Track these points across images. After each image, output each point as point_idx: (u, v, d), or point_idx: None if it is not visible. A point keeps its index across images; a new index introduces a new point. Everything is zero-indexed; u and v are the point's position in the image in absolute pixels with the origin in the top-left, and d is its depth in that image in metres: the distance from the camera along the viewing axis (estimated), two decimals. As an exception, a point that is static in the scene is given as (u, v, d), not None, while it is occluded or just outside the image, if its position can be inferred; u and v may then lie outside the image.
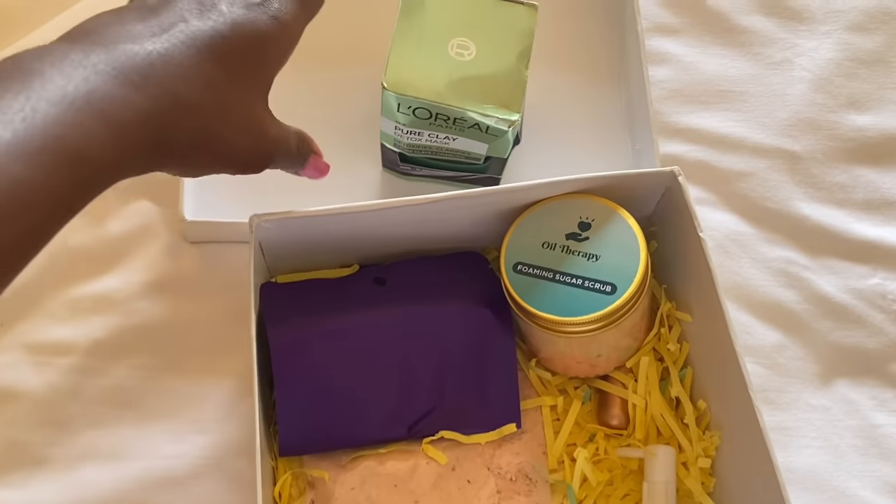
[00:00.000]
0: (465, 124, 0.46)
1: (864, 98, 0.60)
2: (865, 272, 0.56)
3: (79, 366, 0.50)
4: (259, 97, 0.36)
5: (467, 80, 0.46)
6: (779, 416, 0.52)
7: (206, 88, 0.32)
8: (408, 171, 0.54)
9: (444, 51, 0.46)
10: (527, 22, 0.48)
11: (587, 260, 0.46)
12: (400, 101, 0.45)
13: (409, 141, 0.49)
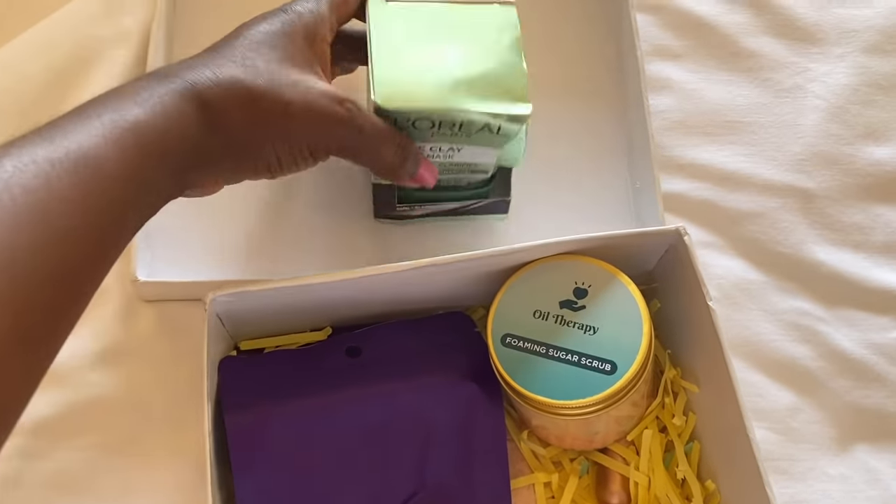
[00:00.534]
0: (473, 127, 0.41)
1: (882, 128, 0.56)
2: (886, 324, 0.51)
3: (21, 448, 0.45)
4: (309, 70, 0.39)
5: (464, 81, 0.41)
6: (792, 489, 0.47)
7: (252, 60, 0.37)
8: (405, 212, 0.48)
9: (430, 57, 0.41)
10: (507, 17, 0.43)
11: (584, 332, 0.41)
12: (397, 116, 0.40)
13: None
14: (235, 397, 0.42)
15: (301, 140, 0.38)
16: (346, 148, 0.40)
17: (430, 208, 0.47)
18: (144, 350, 0.48)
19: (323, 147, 0.39)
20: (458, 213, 0.48)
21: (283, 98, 0.37)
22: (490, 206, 0.48)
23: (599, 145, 0.55)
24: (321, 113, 0.37)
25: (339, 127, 0.38)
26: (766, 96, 0.56)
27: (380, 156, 0.40)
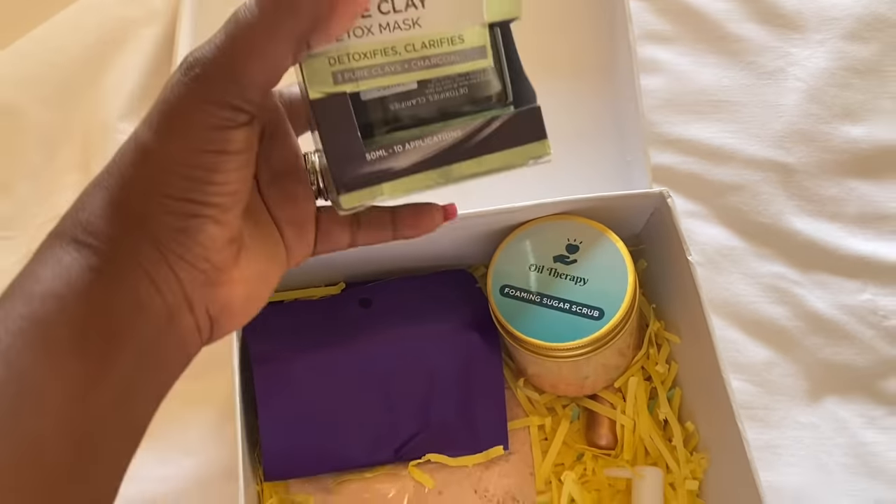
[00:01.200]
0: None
1: (857, 108, 0.60)
2: (856, 288, 0.55)
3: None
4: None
5: None
6: (767, 435, 0.52)
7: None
8: (382, 163, 0.29)
9: None
10: None
11: (575, 283, 0.45)
12: None
13: (357, 44, 0.29)
14: (260, 344, 0.46)
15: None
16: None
17: (420, 147, 0.30)
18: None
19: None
20: (467, 155, 0.30)
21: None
22: (515, 127, 0.31)
23: (592, 122, 0.59)
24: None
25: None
26: (750, 78, 0.61)
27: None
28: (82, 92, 0.56)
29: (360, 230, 0.33)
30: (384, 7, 0.29)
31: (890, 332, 0.54)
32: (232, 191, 0.27)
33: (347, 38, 0.28)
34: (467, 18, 0.30)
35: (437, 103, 0.30)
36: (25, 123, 0.55)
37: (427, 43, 0.29)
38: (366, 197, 0.29)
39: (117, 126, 0.55)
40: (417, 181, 0.29)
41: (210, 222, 0.27)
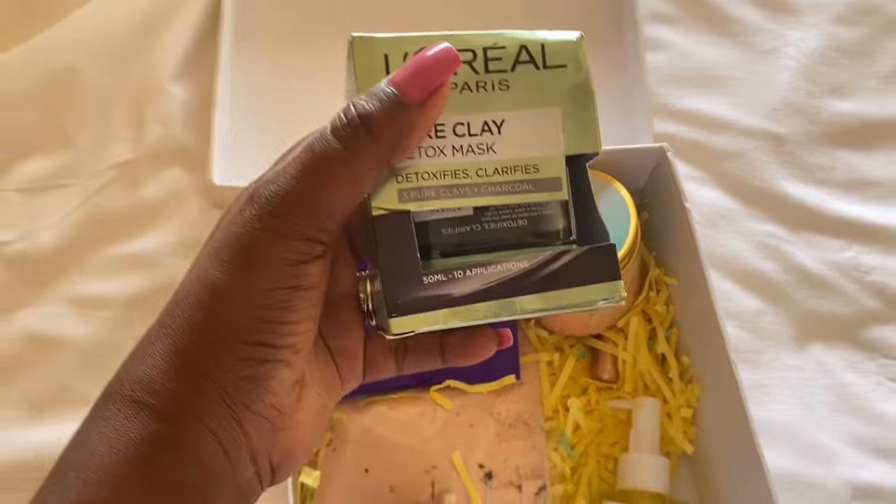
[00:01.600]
0: (509, 58, 0.29)
1: (845, 86, 0.65)
2: (841, 246, 0.60)
3: (118, 318, 0.55)
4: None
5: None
6: (757, 375, 0.56)
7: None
8: (441, 286, 0.28)
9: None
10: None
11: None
12: (389, 50, 0.28)
13: (427, 163, 0.28)
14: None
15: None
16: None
17: (482, 275, 0.28)
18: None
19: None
20: (532, 288, 0.28)
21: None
22: (586, 263, 0.29)
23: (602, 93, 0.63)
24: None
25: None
26: (747, 56, 0.66)
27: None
28: (136, 55, 0.62)
29: (406, 359, 0.31)
30: (459, 129, 0.28)
31: (871, 286, 0.59)
32: (304, 329, 0.26)
33: (418, 157, 0.27)
34: (545, 148, 0.29)
35: (494, 232, 0.29)
36: (85, 83, 0.60)
37: (500, 169, 0.28)
38: (419, 323, 0.27)
39: (166, 86, 0.61)
40: (477, 311, 0.27)
41: (282, 366, 0.25)
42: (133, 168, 0.59)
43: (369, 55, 0.28)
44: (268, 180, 0.25)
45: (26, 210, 0.57)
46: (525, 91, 0.29)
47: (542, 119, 0.29)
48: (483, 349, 0.31)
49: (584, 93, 0.29)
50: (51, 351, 0.54)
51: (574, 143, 0.29)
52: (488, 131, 0.28)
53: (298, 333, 0.26)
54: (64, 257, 0.56)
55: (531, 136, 0.29)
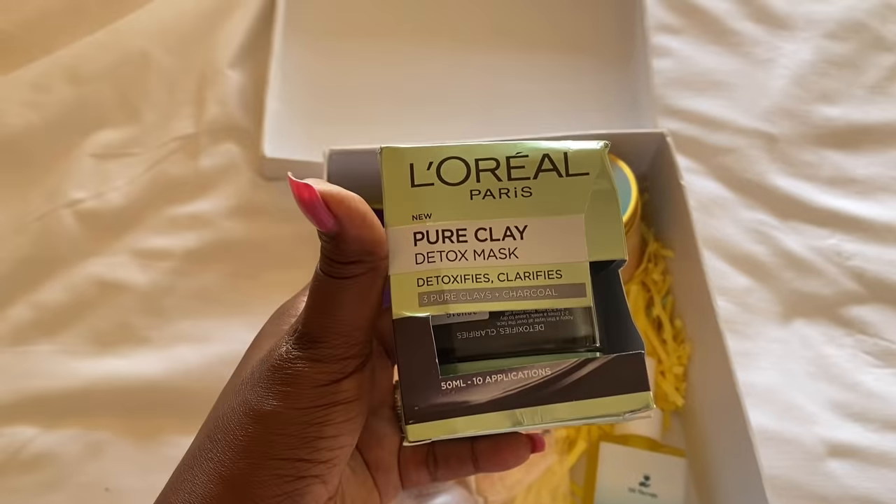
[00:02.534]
0: (532, 165, 0.29)
1: (833, 93, 0.72)
2: (825, 234, 0.66)
3: (175, 268, 0.62)
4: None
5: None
6: (744, 345, 0.62)
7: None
8: (459, 392, 0.27)
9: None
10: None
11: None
12: (414, 160, 0.29)
13: (448, 267, 0.28)
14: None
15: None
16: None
17: (501, 382, 0.28)
18: (264, 210, 0.65)
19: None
20: (556, 398, 0.27)
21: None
22: (613, 372, 0.28)
23: (613, 94, 0.71)
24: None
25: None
26: (744, 65, 0.73)
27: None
28: (199, 43, 0.70)
29: (437, 468, 0.31)
30: (481, 234, 0.28)
31: (850, 269, 0.65)
32: (340, 444, 0.27)
33: (439, 261, 0.28)
34: (568, 254, 0.28)
35: (510, 337, 0.28)
36: (153, 65, 0.68)
37: (522, 274, 0.28)
38: (436, 431, 0.27)
39: (225, 71, 0.68)
40: (496, 420, 0.27)
41: (317, 483, 0.27)
42: (193, 141, 0.66)
43: (395, 164, 0.28)
44: (297, 319, 0.28)
45: (98, 173, 0.65)
46: (548, 198, 0.29)
47: (566, 225, 0.29)
48: (514, 457, 0.30)
49: (608, 200, 0.29)
50: (115, 294, 0.61)
51: (598, 249, 0.28)
52: (510, 236, 0.28)
53: (335, 448, 0.27)
54: (129, 215, 0.64)
55: (554, 242, 0.28)
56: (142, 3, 0.70)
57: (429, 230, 0.28)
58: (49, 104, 0.66)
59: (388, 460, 0.31)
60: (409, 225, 0.28)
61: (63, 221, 0.63)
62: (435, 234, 0.28)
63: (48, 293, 0.61)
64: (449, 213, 0.28)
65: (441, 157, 0.29)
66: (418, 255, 0.28)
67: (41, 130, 0.65)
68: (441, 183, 0.28)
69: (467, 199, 0.28)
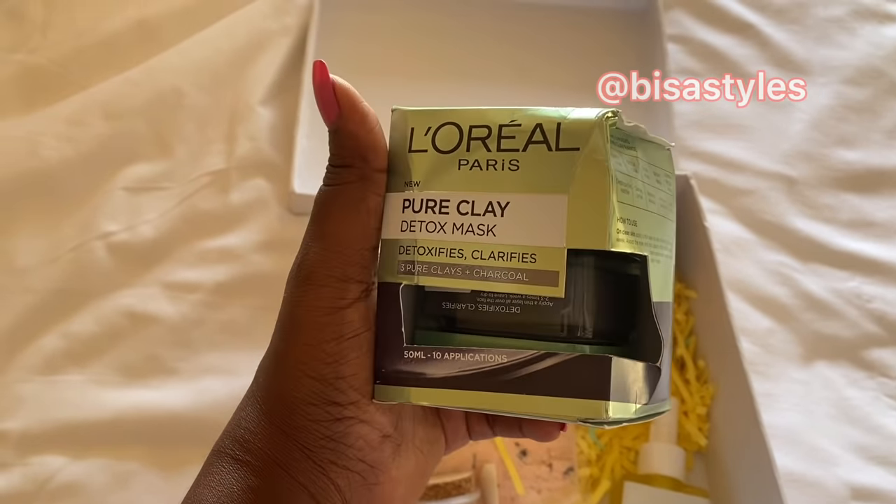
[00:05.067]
0: (523, 136, 0.27)
1: (851, 138, 0.73)
2: (846, 276, 0.67)
3: (204, 301, 0.63)
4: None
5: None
6: (766, 385, 0.63)
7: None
8: (418, 364, 0.27)
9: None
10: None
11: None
12: (416, 124, 0.28)
13: (426, 238, 0.28)
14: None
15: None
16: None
17: (457, 361, 0.27)
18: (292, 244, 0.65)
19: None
20: (504, 387, 0.26)
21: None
22: (573, 372, 0.26)
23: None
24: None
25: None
26: (764, 109, 0.74)
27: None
28: (231, 81, 0.71)
29: (496, 423, 0.31)
30: (463, 207, 0.27)
31: (871, 312, 0.65)
32: (363, 380, 0.27)
33: (419, 231, 0.27)
34: (546, 238, 0.26)
35: (488, 315, 0.28)
36: (187, 102, 0.70)
37: (496, 254, 0.26)
38: (396, 395, 0.27)
39: (256, 108, 0.70)
40: (447, 397, 0.27)
41: (355, 423, 0.27)
42: (224, 176, 0.68)
43: (399, 128, 0.29)
44: (299, 251, 0.28)
45: (131, 206, 0.66)
46: (533, 174, 0.26)
47: (547, 206, 0.26)
48: (540, 431, 0.29)
49: (597, 180, 0.25)
50: (145, 326, 0.62)
51: (578, 236, 0.26)
52: (491, 212, 0.27)
53: (357, 387, 0.26)
54: (160, 248, 0.65)
55: (534, 222, 0.26)
56: (175, 41, 0.72)
57: (414, 199, 0.28)
58: (84, 139, 0.68)
59: (457, 412, 0.30)
60: (400, 192, 0.28)
61: (95, 253, 0.64)
62: (419, 204, 0.27)
63: (79, 324, 0.62)
64: (436, 183, 0.27)
65: (439, 122, 0.28)
66: (403, 223, 0.28)
67: (76, 164, 0.67)
68: (434, 150, 0.28)
69: (455, 168, 0.27)
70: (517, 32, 0.77)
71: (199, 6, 0.74)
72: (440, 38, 0.76)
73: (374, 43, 0.74)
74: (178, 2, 0.74)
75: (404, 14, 0.75)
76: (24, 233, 0.64)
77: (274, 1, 0.74)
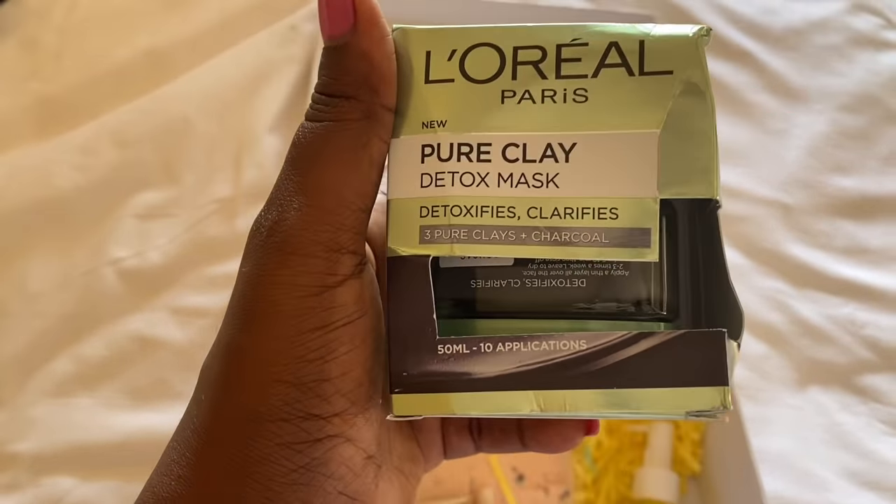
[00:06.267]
0: (592, 58, 0.22)
1: (848, 165, 0.74)
2: (840, 303, 0.68)
3: (212, 326, 0.65)
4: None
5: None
6: (759, 409, 0.64)
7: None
8: (460, 361, 0.21)
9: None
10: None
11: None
12: (433, 47, 0.22)
13: (463, 194, 0.22)
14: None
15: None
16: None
17: (517, 353, 0.21)
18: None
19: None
20: (588, 382, 0.21)
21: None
22: (678, 355, 0.21)
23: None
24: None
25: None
26: (761, 136, 0.75)
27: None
28: (238, 109, 0.73)
29: (481, 437, 0.25)
30: (511, 153, 0.21)
31: (865, 338, 0.66)
32: (356, 383, 0.20)
33: (450, 184, 0.21)
34: (630, 187, 0.21)
35: (540, 292, 0.21)
36: (194, 130, 0.72)
37: (562, 211, 0.21)
38: (428, 407, 0.21)
39: (263, 136, 0.72)
40: (505, 402, 0.20)
41: (340, 443, 0.20)
42: (231, 204, 0.70)
43: (409, 53, 0.22)
44: (264, 206, 0.21)
45: (140, 233, 0.68)
46: (610, 105, 0.21)
47: (632, 145, 0.21)
48: (561, 438, 0.24)
49: (699, 111, 0.22)
50: (153, 350, 0.64)
51: (675, 182, 0.21)
52: (552, 157, 0.21)
53: (348, 391, 0.20)
54: (169, 273, 0.67)
55: (612, 168, 0.21)
56: (184, 69, 0.74)
57: (441, 143, 0.21)
58: (95, 167, 0.70)
59: (431, 422, 0.25)
60: (417, 135, 0.21)
61: (105, 279, 0.66)
62: (448, 149, 0.21)
63: (90, 348, 0.63)
64: (470, 122, 0.21)
65: (469, 43, 0.21)
66: (425, 176, 0.21)
67: (87, 192, 0.69)
68: (464, 79, 0.21)
69: (498, 102, 0.21)
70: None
71: (208, 35, 0.76)
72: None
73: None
74: (187, 31, 0.76)
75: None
76: (37, 259, 0.66)
77: (280, 30, 0.76)
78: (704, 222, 0.23)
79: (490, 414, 0.21)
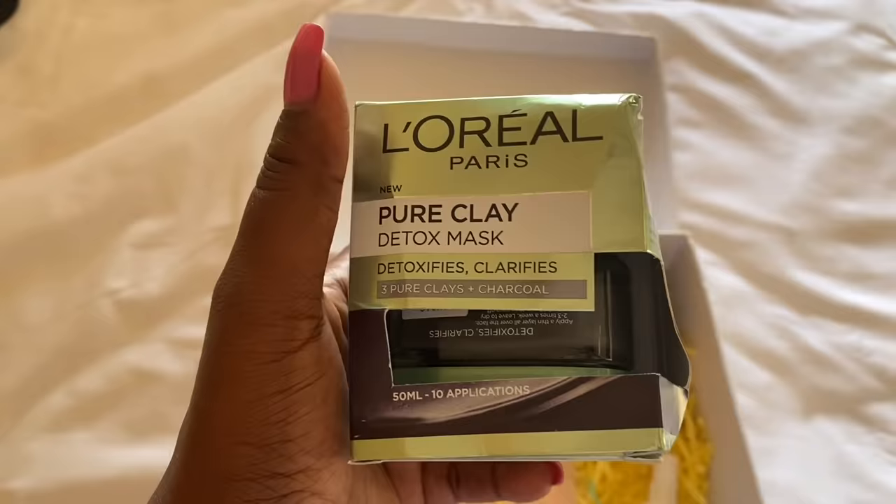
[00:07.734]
0: (530, 127, 0.24)
1: (851, 188, 0.73)
2: (845, 330, 0.67)
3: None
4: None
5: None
6: (765, 440, 0.63)
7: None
8: (413, 407, 0.22)
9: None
10: None
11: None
12: (391, 120, 0.24)
13: (415, 252, 0.23)
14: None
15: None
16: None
17: (466, 399, 0.22)
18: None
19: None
20: (532, 425, 0.22)
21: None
22: (614, 398, 0.22)
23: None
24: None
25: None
26: (764, 159, 0.75)
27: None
28: (236, 136, 0.73)
29: (459, 487, 0.27)
30: (459, 213, 0.23)
31: (871, 366, 0.66)
32: (318, 441, 0.21)
33: (405, 243, 0.23)
34: (567, 242, 0.22)
35: (491, 341, 0.23)
36: (192, 157, 0.71)
37: (506, 265, 0.22)
38: (384, 451, 0.22)
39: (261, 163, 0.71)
40: (454, 446, 0.22)
41: (305, 497, 0.21)
42: (229, 232, 0.69)
43: (369, 126, 0.24)
44: (222, 275, 0.22)
45: (137, 263, 0.67)
46: (548, 169, 0.23)
47: (567, 205, 0.23)
48: (528, 486, 0.25)
49: (628, 174, 0.23)
50: (150, 383, 0.63)
51: (607, 238, 0.22)
52: (495, 217, 0.23)
53: (310, 450, 0.21)
54: (166, 304, 0.66)
55: (551, 225, 0.22)
56: (181, 95, 0.73)
57: (396, 206, 0.23)
58: (92, 196, 0.69)
59: (411, 466, 0.26)
60: (376, 200, 0.23)
61: (102, 311, 0.65)
62: (402, 211, 0.23)
63: (86, 381, 0.63)
64: (422, 186, 0.23)
65: (421, 116, 0.24)
66: (382, 236, 0.23)
67: (83, 221, 0.68)
68: (417, 148, 0.23)
69: (447, 168, 0.23)
70: (517, 83, 0.78)
71: (206, 61, 0.75)
72: (443, 89, 0.76)
73: (378, 96, 0.75)
74: (185, 56, 0.76)
75: (408, 67, 0.76)
76: (33, 291, 0.66)
77: (278, 55, 0.76)
78: (654, 276, 0.24)
79: (442, 457, 0.22)
